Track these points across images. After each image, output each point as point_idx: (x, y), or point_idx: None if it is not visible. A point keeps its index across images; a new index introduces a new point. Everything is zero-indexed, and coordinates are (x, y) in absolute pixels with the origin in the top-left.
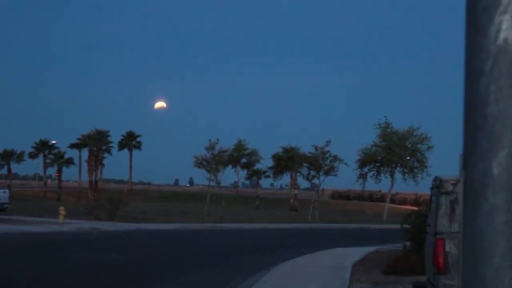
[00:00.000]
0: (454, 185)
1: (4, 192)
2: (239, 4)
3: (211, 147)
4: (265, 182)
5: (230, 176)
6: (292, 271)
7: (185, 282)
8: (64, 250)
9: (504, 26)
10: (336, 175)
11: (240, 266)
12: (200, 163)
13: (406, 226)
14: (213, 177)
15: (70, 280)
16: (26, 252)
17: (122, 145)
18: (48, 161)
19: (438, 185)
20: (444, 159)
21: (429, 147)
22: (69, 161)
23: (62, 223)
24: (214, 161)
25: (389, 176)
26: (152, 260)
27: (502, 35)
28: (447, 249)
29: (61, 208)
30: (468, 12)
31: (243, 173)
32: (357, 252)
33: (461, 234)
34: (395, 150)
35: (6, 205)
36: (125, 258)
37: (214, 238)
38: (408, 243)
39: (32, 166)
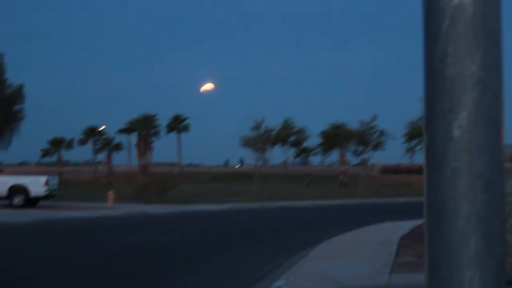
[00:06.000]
0: None
1: (53, 179)
2: None
3: (256, 127)
4: (315, 160)
5: (280, 155)
6: (338, 247)
7: (234, 259)
8: (111, 233)
9: None
10: (383, 149)
11: (288, 243)
12: (247, 143)
13: None
14: (260, 156)
15: (118, 261)
16: (74, 237)
17: (169, 129)
18: (97, 147)
19: None
20: None
21: None
22: (118, 147)
23: (111, 208)
24: (261, 140)
25: None
26: (201, 240)
27: None
28: None
29: (110, 192)
30: None
31: (292, 151)
32: (405, 226)
33: (424, 199)
34: None
35: (55, 192)
36: (171, 239)
37: (263, 216)
38: None
39: (83, 153)
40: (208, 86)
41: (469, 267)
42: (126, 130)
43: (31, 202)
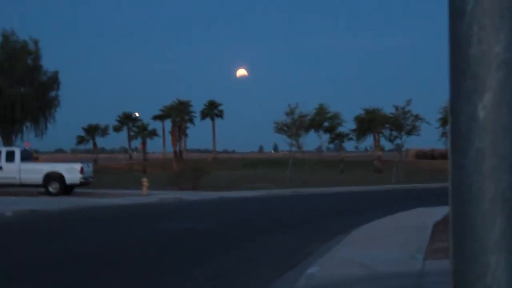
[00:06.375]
0: None
1: (88, 166)
2: None
3: (290, 112)
4: (349, 145)
5: (314, 140)
6: (372, 233)
7: (268, 245)
8: (145, 220)
9: None
10: (418, 134)
11: (322, 228)
12: (281, 128)
13: None
14: (294, 142)
15: (150, 247)
16: (109, 224)
17: (204, 115)
18: (132, 133)
19: None
20: None
21: None
22: (153, 133)
23: (146, 195)
24: (295, 126)
25: None
26: (236, 226)
27: None
28: None
29: (144, 179)
30: None
31: (326, 137)
32: (439, 212)
33: (449, 182)
34: None
35: (90, 179)
36: (207, 226)
37: (297, 202)
38: None
39: (118, 140)
40: (242, 72)
41: (495, 250)
42: (160, 117)
43: (66, 189)
